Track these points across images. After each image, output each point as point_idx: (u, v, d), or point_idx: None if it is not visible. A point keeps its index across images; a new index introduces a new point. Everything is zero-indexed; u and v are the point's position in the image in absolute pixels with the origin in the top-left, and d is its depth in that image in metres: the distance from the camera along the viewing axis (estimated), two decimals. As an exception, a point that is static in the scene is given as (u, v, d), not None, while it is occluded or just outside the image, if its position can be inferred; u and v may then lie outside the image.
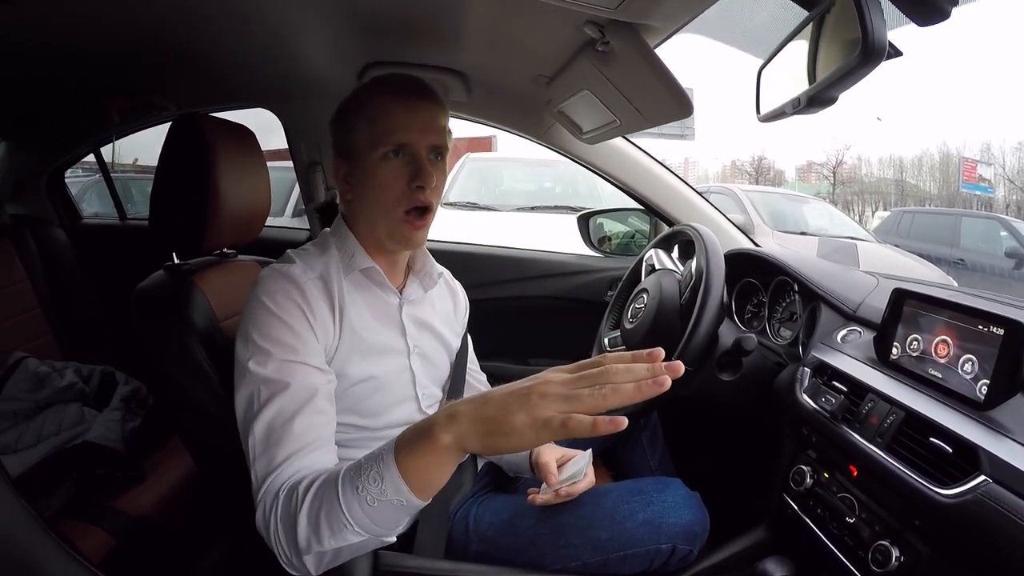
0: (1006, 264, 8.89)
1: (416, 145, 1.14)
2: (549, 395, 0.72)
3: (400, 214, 1.15)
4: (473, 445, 0.79)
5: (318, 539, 0.87)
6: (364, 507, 0.84)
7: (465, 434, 0.78)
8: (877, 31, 0.80)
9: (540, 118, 2.08)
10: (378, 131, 1.14)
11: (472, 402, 0.80)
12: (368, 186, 1.17)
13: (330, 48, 1.71)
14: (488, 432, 0.77)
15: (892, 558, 1.02)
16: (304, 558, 0.89)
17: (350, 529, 0.85)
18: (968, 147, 31.59)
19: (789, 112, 1.05)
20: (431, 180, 1.14)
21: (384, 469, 0.82)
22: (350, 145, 1.18)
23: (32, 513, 0.97)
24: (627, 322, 1.61)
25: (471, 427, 0.78)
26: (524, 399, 0.73)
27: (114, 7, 1.41)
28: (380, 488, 0.82)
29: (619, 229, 2.64)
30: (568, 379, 0.74)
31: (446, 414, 0.80)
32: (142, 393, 2.04)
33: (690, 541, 1.25)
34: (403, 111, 1.14)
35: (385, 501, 0.83)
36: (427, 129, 1.15)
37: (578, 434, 0.70)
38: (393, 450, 0.83)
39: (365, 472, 0.84)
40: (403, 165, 1.14)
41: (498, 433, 0.75)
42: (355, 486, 0.84)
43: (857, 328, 1.37)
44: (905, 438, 1.04)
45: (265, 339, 1.05)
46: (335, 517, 0.85)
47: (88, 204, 3.98)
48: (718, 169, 40.98)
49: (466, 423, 0.78)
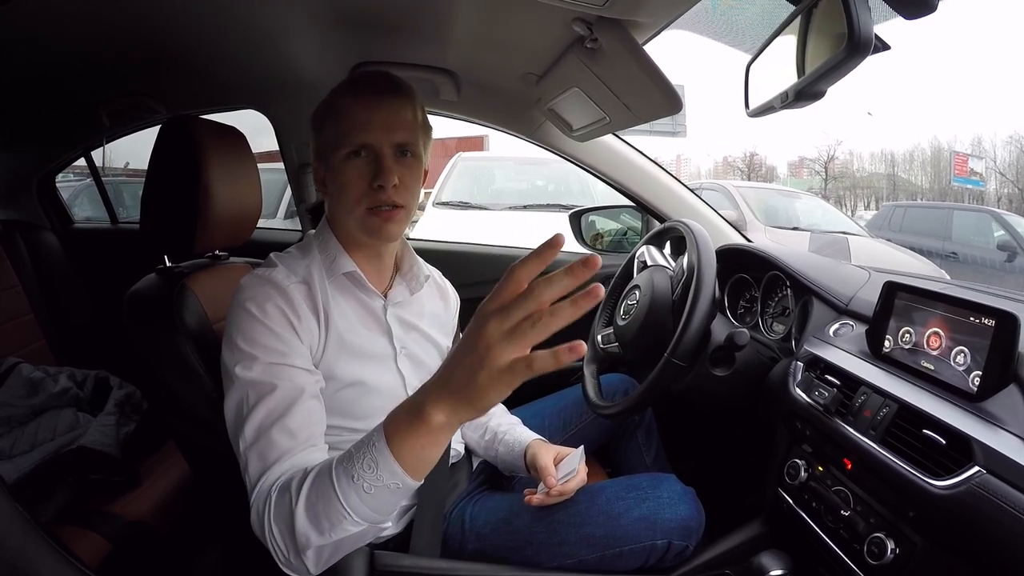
0: (998, 257, 8.91)
1: (378, 144, 1.14)
2: (496, 344, 0.69)
3: (362, 211, 1.15)
4: (465, 415, 0.77)
5: (319, 533, 0.86)
6: (361, 495, 0.83)
7: (454, 408, 0.77)
8: (863, 24, 0.80)
9: (530, 116, 2.08)
10: (341, 131, 1.14)
11: (442, 378, 0.77)
12: (336, 186, 1.17)
13: (319, 49, 1.71)
14: (470, 400, 0.74)
15: (887, 550, 1.02)
16: (304, 554, 0.88)
17: (349, 519, 0.85)
18: (959, 141, 31.85)
19: (778, 107, 1.05)
20: (391, 179, 1.13)
21: (377, 454, 0.81)
22: (322, 147, 1.19)
23: (28, 519, 0.97)
24: (620, 319, 1.61)
25: (456, 401, 0.76)
26: (478, 358, 0.71)
27: (102, 9, 1.41)
28: (375, 474, 0.82)
29: (611, 226, 2.64)
30: (505, 319, 0.70)
31: (431, 394, 0.78)
32: (136, 397, 2.04)
33: (686, 537, 1.25)
34: (363, 110, 1.14)
35: (381, 486, 0.82)
36: (390, 127, 1.15)
37: (545, 369, 0.68)
38: (383, 434, 0.82)
39: (358, 460, 0.83)
40: (365, 164, 1.14)
41: (477, 398, 0.73)
42: (350, 475, 0.83)
43: (849, 322, 1.37)
44: (899, 430, 1.04)
45: (250, 344, 1.05)
46: (333, 508, 0.84)
47: (80, 208, 3.97)
48: (710, 166, 41.23)
49: (450, 398, 0.76)
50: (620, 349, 1.62)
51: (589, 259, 0.66)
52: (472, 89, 1.96)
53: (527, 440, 1.43)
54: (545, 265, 0.70)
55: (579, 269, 0.67)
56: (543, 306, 0.68)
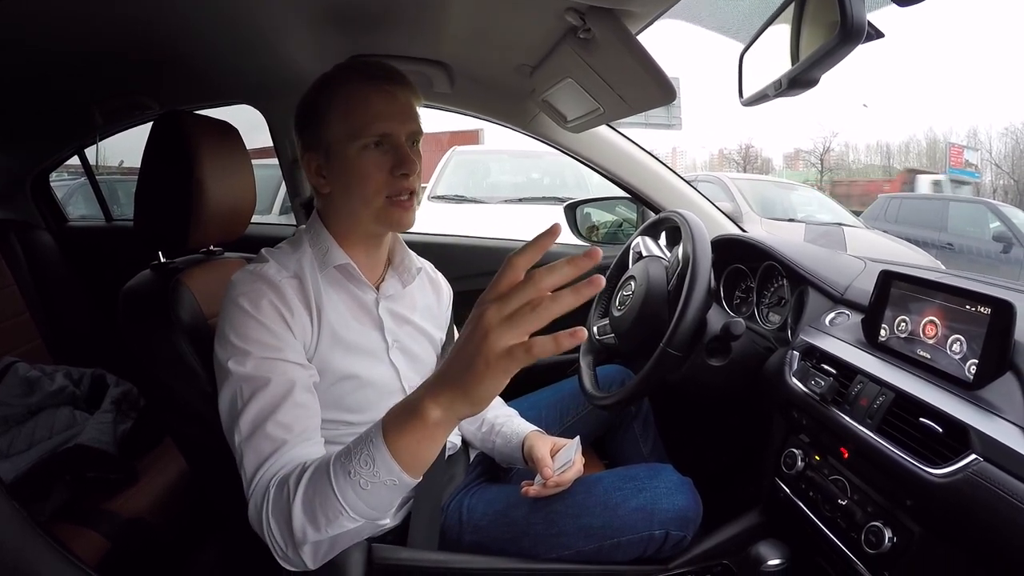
0: (994, 248, 8.94)
1: (397, 134, 1.14)
2: (494, 330, 0.70)
3: (382, 200, 1.15)
4: (462, 410, 0.77)
5: (315, 528, 0.87)
6: (358, 491, 0.84)
7: (451, 402, 0.77)
8: (856, 11, 0.80)
9: (525, 108, 2.07)
10: (357, 122, 1.13)
11: (441, 372, 0.78)
12: (349, 177, 1.16)
13: (313, 43, 1.70)
14: (466, 391, 0.74)
15: (885, 539, 1.02)
16: (301, 549, 0.89)
17: (346, 515, 0.85)
18: (955, 132, 31.86)
19: (772, 95, 1.05)
20: (415, 167, 1.14)
21: (375, 451, 0.82)
22: (325, 138, 1.16)
23: (26, 517, 0.97)
24: (615, 310, 1.61)
25: (453, 394, 0.76)
26: (475, 345, 0.71)
27: (95, 7, 1.40)
28: (372, 470, 0.82)
29: (606, 218, 2.64)
30: (504, 306, 0.70)
31: (429, 390, 0.78)
32: (133, 395, 2.03)
33: (683, 527, 1.26)
34: (381, 99, 1.14)
35: (378, 483, 0.83)
36: (406, 117, 1.16)
37: (544, 354, 0.69)
38: (381, 431, 0.82)
39: (355, 456, 0.84)
40: (384, 154, 1.14)
41: (474, 387, 0.73)
42: (347, 471, 0.84)
43: (845, 311, 1.37)
44: (895, 419, 1.05)
45: (243, 339, 1.05)
46: (330, 504, 0.85)
47: (74, 207, 3.95)
48: (706, 158, 41.19)
49: (447, 392, 0.77)
50: (616, 340, 1.62)
51: (591, 251, 0.66)
52: (466, 81, 1.95)
53: (524, 431, 1.42)
54: (542, 253, 0.71)
55: (581, 260, 0.67)
56: (542, 293, 0.69)
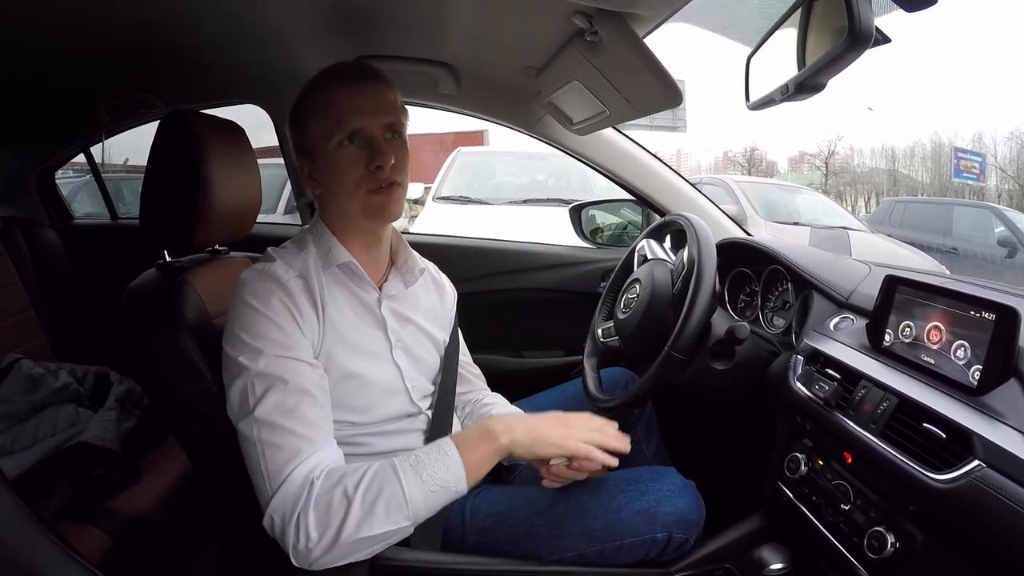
0: (998, 252, 8.91)
1: (369, 128, 1.16)
2: (585, 427, 1.15)
3: (363, 193, 1.17)
4: (519, 450, 1.10)
5: (370, 524, 0.97)
6: (425, 493, 1.00)
7: (517, 440, 1.09)
8: (864, 16, 0.80)
9: (530, 110, 2.07)
10: (331, 121, 1.15)
11: (524, 418, 1.18)
12: (331, 175, 1.18)
13: (319, 43, 1.70)
14: (533, 441, 1.11)
15: (887, 544, 1.02)
16: (335, 543, 0.96)
17: (403, 513, 0.99)
18: (960, 137, 31.73)
19: (778, 99, 1.05)
20: (388, 159, 1.15)
21: (448, 459, 1.03)
22: (307, 141, 1.20)
23: (29, 514, 0.97)
24: (620, 312, 1.61)
25: (523, 436, 1.09)
26: (565, 419, 1.16)
27: (99, 6, 1.40)
28: (444, 477, 1.01)
29: (611, 220, 2.63)
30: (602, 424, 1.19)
31: (503, 424, 1.10)
32: (137, 393, 2.03)
33: (686, 530, 1.25)
34: (350, 95, 1.16)
35: (444, 488, 1.02)
36: (378, 110, 1.17)
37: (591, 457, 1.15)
38: (453, 444, 1.05)
39: (428, 461, 1.02)
40: (359, 149, 1.16)
41: (539, 442, 1.11)
42: (419, 472, 1.01)
43: (849, 315, 1.37)
44: (899, 424, 1.04)
45: (254, 337, 1.06)
46: (395, 502, 0.98)
47: (79, 205, 3.96)
48: (711, 161, 41.15)
49: (520, 432, 1.09)
50: (620, 343, 1.62)
51: None
52: (471, 82, 1.96)
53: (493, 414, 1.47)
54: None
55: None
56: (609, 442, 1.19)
